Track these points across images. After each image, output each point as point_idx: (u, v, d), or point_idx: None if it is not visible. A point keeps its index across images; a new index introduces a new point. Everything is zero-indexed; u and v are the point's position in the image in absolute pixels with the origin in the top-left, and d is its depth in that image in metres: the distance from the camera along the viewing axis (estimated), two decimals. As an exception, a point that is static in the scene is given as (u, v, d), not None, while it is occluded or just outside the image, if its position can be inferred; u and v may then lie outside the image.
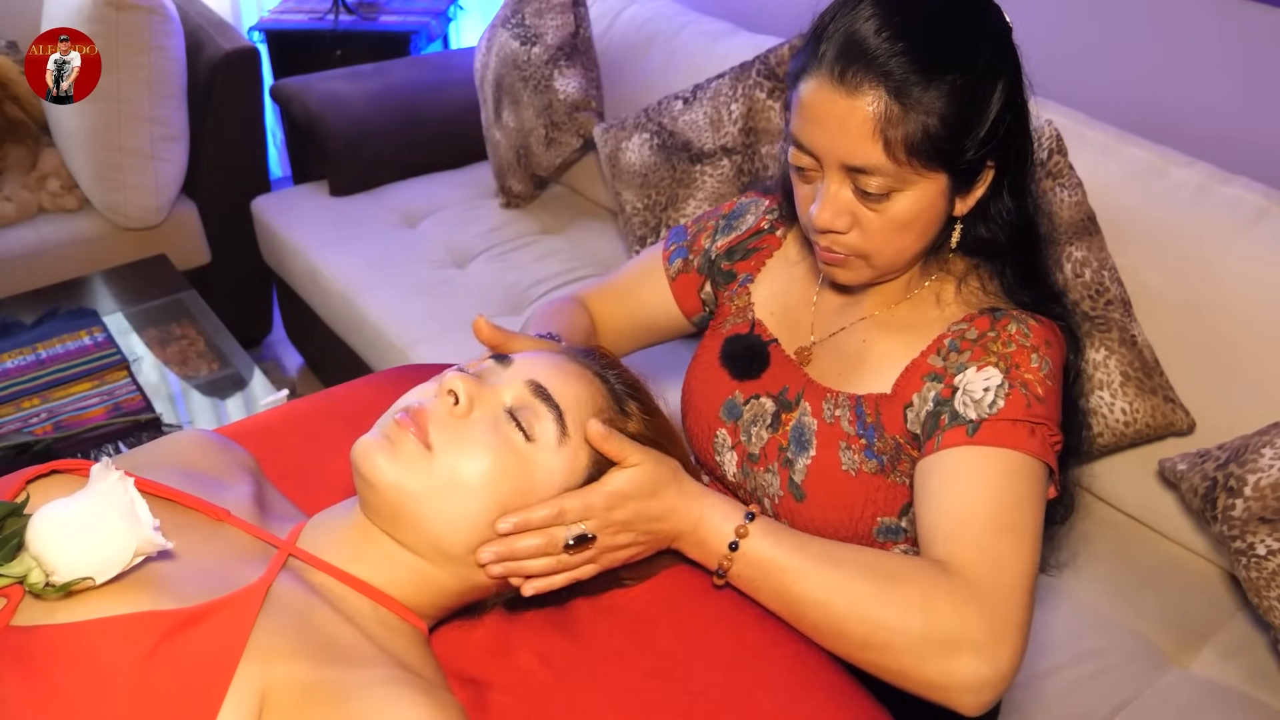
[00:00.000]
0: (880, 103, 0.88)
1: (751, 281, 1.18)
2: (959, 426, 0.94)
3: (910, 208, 0.93)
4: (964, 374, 0.96)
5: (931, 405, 0.98)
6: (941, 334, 1.01)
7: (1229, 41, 1.73)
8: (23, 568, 0.72)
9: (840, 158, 0.92)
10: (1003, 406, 0.93)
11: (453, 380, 0.85)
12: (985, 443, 0.92)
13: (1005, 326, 0.98)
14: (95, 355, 1.90)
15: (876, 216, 0.94)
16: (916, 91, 0.88)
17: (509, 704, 0.88)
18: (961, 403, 0.95)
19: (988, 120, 0.91)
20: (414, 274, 2.20)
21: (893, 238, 0.95)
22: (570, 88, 2.27)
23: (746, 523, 0.88)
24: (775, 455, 1.08)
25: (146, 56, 2.32)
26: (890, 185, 0.91)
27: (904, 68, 0.88)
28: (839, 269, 1.00)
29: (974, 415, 0.93)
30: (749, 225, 1.20)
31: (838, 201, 0.94)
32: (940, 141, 0.90)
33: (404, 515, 0.82)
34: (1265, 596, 1.34)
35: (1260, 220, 1.47)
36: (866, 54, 0.88)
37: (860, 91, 0.88)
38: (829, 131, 0.91)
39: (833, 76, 0.89)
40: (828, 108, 0.90)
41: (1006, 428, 0.92)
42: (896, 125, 0.88)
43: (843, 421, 1.04)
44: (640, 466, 0.86)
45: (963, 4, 0.93)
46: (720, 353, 1.15)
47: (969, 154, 0.92)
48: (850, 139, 0.90)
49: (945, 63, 0.88)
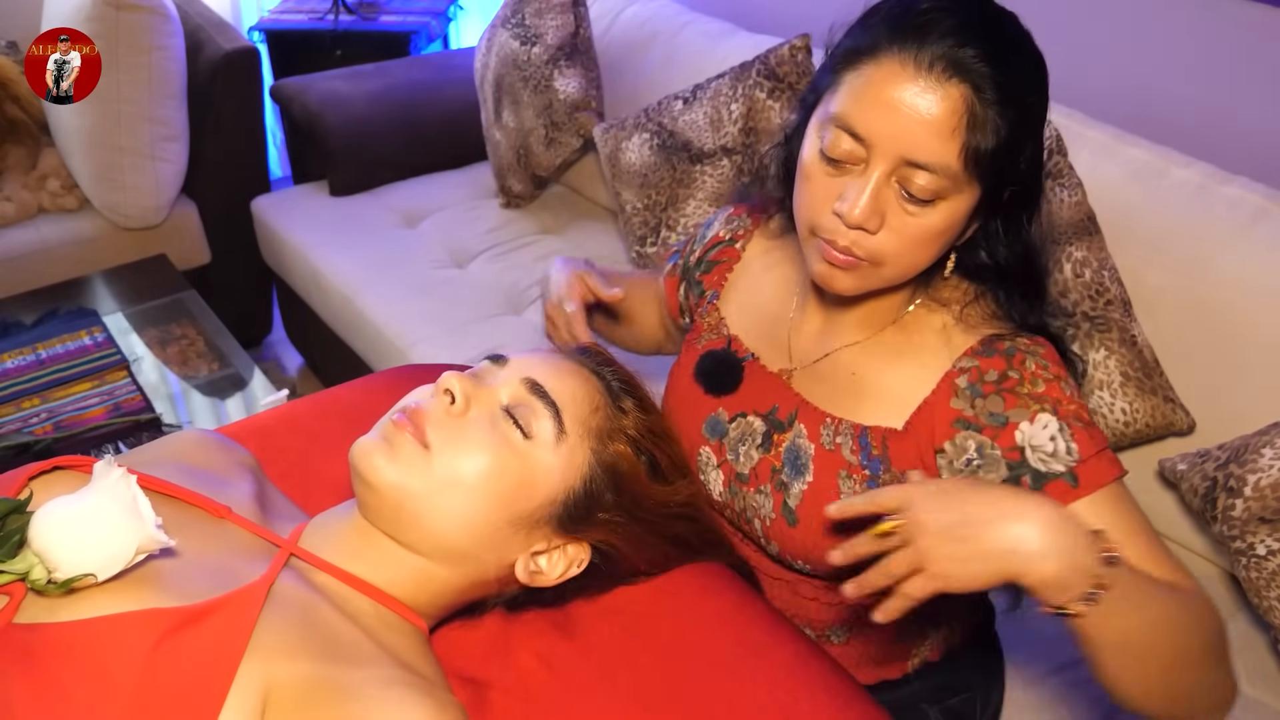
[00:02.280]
0: (968, 100, 0.83)
1: (718, 298, 1.15)
2: (1057, 481, 0.91)
3: (946, 218, 0.89)
4: (1020, 431, 0.92)
5: (984, 461, 0.93)
6: (949, 370, 0.96)
7: (1229, 41, 1.73)
8: (25, 565, 0.72)
9: (905, 151, 0.85)
10: (1079, 449, 0.91)
11: (449, 380, 0.85)
12: (1091, 489, 0.90)
13: (1023, 364, 0.94)
14: (95, 355, 1.90)
15: (910, 221, 0.88)
16: (993, 99, 0.84)
17: (509, 704, 0.88)
18: (1039, 460, 0.91)
19: (1031, 149, 0.90)
20: (414, 274, 2.20)
21: (918, 248, 0.90)
22: (570, 88, 2.27)
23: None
24: (768, 476, 1.04)
25: (146, 56, 2.32)
26: (939, 190, 0.86)
27: (993, 73, 0.84)
28: (843, 273, 0.92)
29: (1061, 468, 0.91)
30: (712, 234, 1.18)
31: (880, 198, 0.87)
32: (998, 156, 0.86)
33: (404, 515, 0.82)
34: (1265, 596, 1.34)
35: (1260, 220, 1.47)
36: (956, 47, 0.84)
37: (950, 83, 0.83)
38: (901, 120, 0.84)
39: (921, 62, 0.84)
40: (909, 93, 0.84)
41: (1093, 466, 0.90)
42: (975, 129, 0.84)
43: (844, 450, 1.00)
44: None
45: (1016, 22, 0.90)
46: (694, 369, 1.12)
47: (1009, 176, 0.89)
48: (926, 131, 0.84)
49: (1025, 83, 0.87)
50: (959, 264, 0.98)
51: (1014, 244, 0.95)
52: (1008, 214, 0.94)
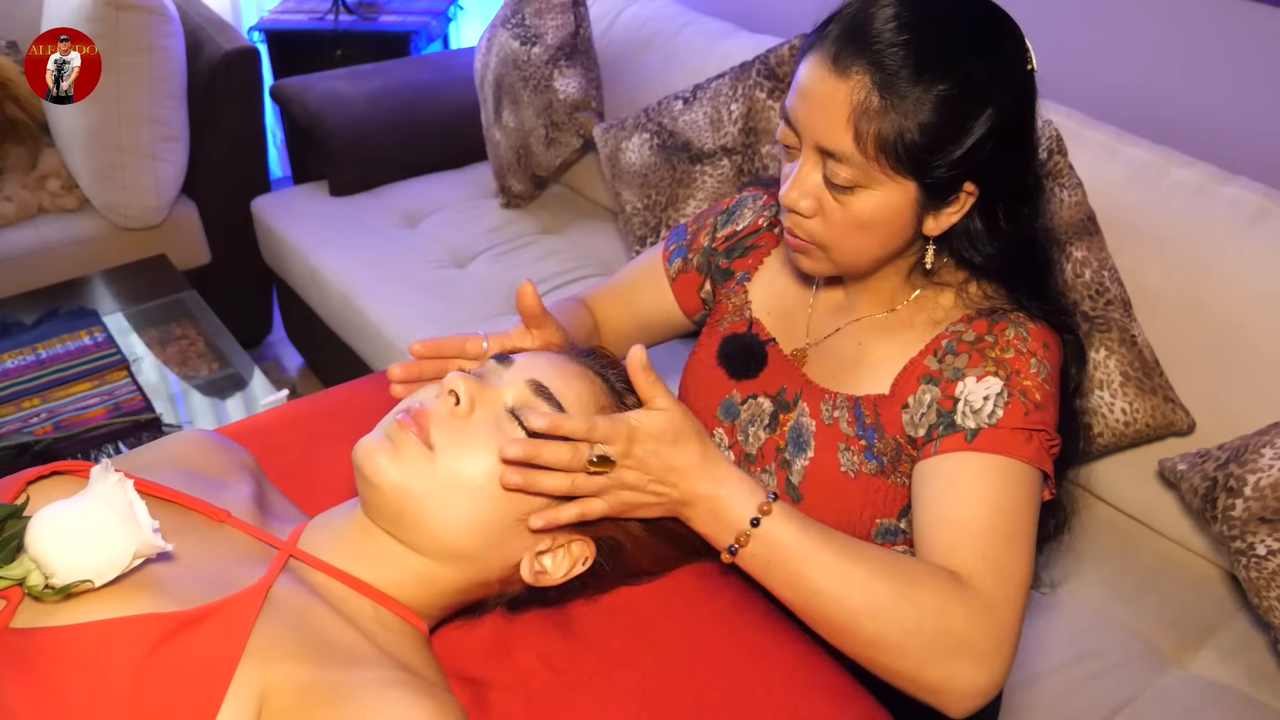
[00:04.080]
0: (863, 91, 0.87)
1: (749, 280, 1.17)
2: (957, 433, 0.94)
3: (873, 207, 0.92)
4: (964, 383, 0.95)
5: (928, 410, 0.97)
6: (939, 335, 1.00)
7: (1229, 41, 1.73)
8: (22, 570, 0.72)
9: (815, 138, 0.91)
10: (1001, 416, 0.93)
11: (454, 380, 0.85)
12: (983, 449, 0.92)
13: (1003, 331, 0.97)
14: (95, 355, 1.90)
15: (839, 209, 0.93)
16: (904, 88, 0.87)
17: (509, 704, 0.88)
18: (962, 414, 0.94)
19: (967, 142, 0.89)
20: (414, 274, 2.20)
21: (851, 235, 0.95)
22: (570, 88, 2.27)
23: (770, 501, 0.87)
24: (773, 456, 1.08)
25: (146, 56, 2.32)
26: (856, 179, 0.90)
27: (898, 63, 0.87)
28: (802, 256, 1.00)
29: (973, 424, 0.93)
30: (747, 222, 1.20)
31: (806, 183, 0.93)
32: (914, 148, 0.88)
33: (407, 515, 0.82)
34: (1265, 596, 1.34)
35: (1260, 220, 1.47)
36: (867, 39, 0.88)
37: (848, 75, 0.88)
38: (811, 109, 0.91)
39: (828, 55, 0.89)
40: (816, 85, 0.90)
41: (1005, 435, 0.92)
42: (872, 119, 0.87)
43: (841, 423, 1.03)
44: (668, 412, 0.85)
45: (985, 26, 0.91)
46: (718, 352, 1.15)
47: (939, 170, 0.90)
48: (827, 120, 0.89)
49: (940, 71, 0.87)
50: (955, 259, 1.00)
51: (993, 241, 0.97)
52: (987, 210, 0.96)
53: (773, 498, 0.87)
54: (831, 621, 0.86)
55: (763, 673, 0.90)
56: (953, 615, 0.84)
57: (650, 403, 0.85)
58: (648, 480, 0.85)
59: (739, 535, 0.86)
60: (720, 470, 0.87)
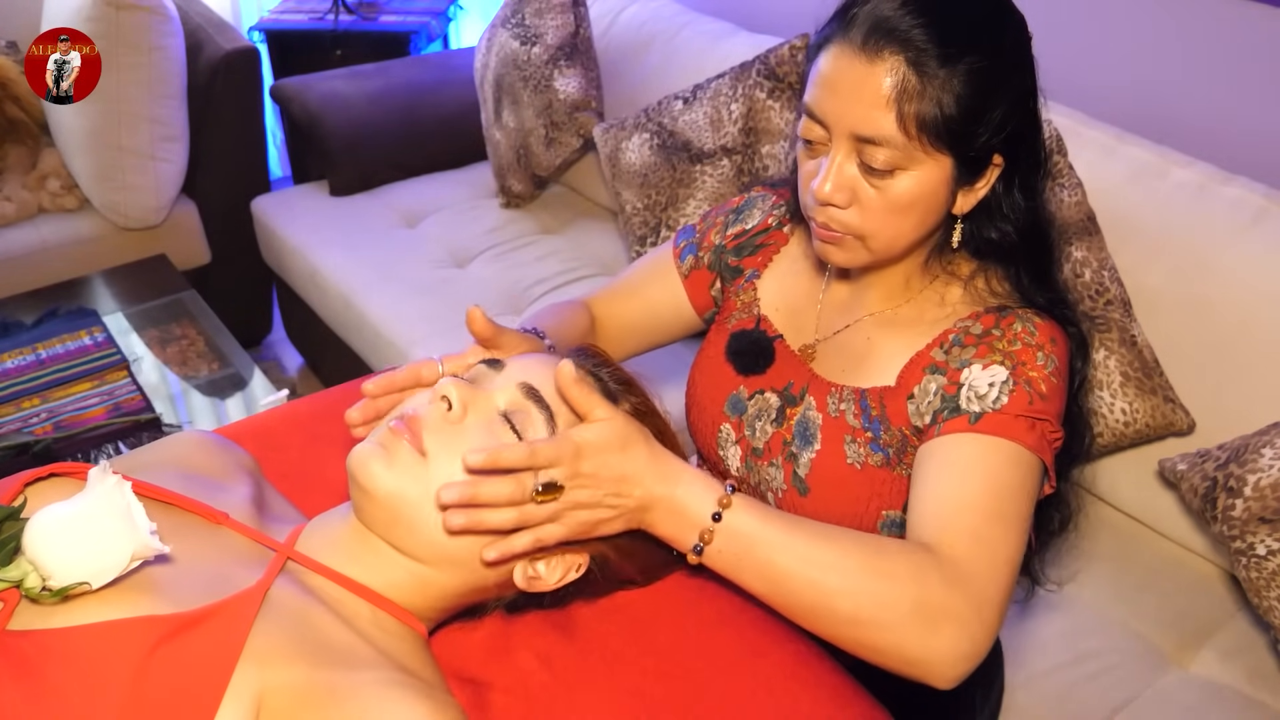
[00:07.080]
0: (899, 72, 0.89)
1: (758, 277, 1.18)
2: (961, 416, 0.94)
3: (912, 189, 0.93)
4: (969, 370, 0.96)
5: (933, 398, 0.98)
6: (947, 329, 1.01)
7: (1229, 41, 1.73)
8: (19, 572, 0.72)
9: (851, 126, 0.91)
10: (1006, 402, 0.93)
11: (445, 386, 0.85)
12: (985, 432, 0.93)
13: (1011, 325, 0.98)
14: (95, 355, 1.90)
15: (878, 195, 0.93)
16: (935, 66, 0.89)
17: (509, 704, 0.88)
18: (966, 398, 0.95)
19: (1000, 109, 0.92)
20: (414, 274, 2.20)
21: (890, 219, 0.95)
22: (570, 88, 2.27)
23: (729, 494, 0.85)
24: (780, 449, 1.08)
25: (146, 56, 2.32)
26: (896, 161, 0.91)
27: (926, 40, 0.88)
28: (834, 248, 0.99)
29: (977, 409, 0.94)
30: (756, 221, 1.21)
31: (842, 174, 0.94)
32: (953, 122, 0.90)
33: (401, 522, 0.82)
34: (1265, 596, 1.34)
35: (1260, 220, 1.47)
36: (890, 23, 0.89)
37: (880, 58, 0.89)
38: (844, 98, 0.91)
39: (853, 43, 0.90)
40: (846, 74, 0.91)
41: (1008, 420, 0.93)
42: (912, 98, 0.89)
43: (848, 415, 1.04)
44: (609, 420, 0.82)
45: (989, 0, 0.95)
46: (726, 348, 1.15)
47: (980, 139, 0.92)
48: (865, 106, 0.90)
49: (968, 44, 0.90)
50: (970, 241, 1.02)
51: (1013, 214, 0.99)
52: (1006, 185, 0.98)
53: (730, 489, 0.85)
54: (807, 606, 0.85)
55: (763, 673, 0.90)
56: (929, 584, 0.83)
57: (589, 415, 0.83)
58: (602, 495, 0.82)
59: (702, 532, 0.84)
60: (672, 468, 0.85)
